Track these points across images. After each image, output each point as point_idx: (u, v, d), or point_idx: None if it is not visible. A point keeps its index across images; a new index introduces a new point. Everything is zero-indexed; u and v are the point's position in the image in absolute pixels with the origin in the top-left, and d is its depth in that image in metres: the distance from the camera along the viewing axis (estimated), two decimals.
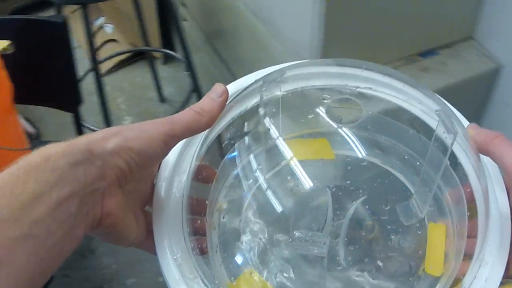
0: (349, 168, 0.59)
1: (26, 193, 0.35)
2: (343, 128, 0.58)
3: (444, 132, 0.48)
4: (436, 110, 0.49)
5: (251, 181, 0.58)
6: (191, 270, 0.46)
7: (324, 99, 0.58)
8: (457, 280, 0.47)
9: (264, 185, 0.58)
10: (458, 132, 0.46)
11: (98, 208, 0.41)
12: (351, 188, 0.57)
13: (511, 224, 0.47)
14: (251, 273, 0.52)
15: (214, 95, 0.49)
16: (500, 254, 0.46)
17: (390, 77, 0.56)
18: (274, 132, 0.58)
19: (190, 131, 0.47)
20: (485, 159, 0.48)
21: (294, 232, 0.52)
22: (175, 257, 0.47)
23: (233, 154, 0.58)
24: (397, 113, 0.57)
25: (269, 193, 0.57)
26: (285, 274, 0.52)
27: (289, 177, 0.58)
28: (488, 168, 0.50)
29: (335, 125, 0.58)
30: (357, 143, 0.58)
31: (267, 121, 0.57)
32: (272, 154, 0.58)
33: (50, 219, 0.36)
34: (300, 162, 0.58)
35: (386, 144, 0.59)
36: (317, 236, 0.44)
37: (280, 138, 0.58)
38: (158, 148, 0.44)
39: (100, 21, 2.72)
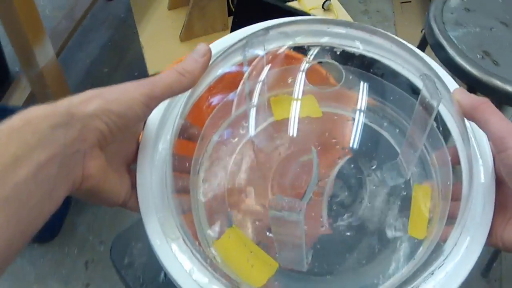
0: (336, 126, 0.59)
1: (7, 156, 0.36)
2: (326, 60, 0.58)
3: (428, 98, 0.47)
4: (420, 75, 0.49)
5: (236, 139, 0.58)
6: (173, 230, 0.47)
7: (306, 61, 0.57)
8: (439, 245, 0.47)
9: (250, 143, 0.57)
10: (442, 98, 0.46)
11: (78, 170, 0.42)
12: (337, 146, 0.57)
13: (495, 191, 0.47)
14: (234, 230, 0.52)
15: (196, 55, 0.49)
16: (482, 221, 0.46)
17: (377, 36, 0.55)
18: (259, 90, 0.57)
19: (171, 92, 0.47)
20: (472, 123, 0.48)
21: (271, 197, 0.52)
22: (158, 216, 0.47)
23: (217, 110, 0.58)
24: (385, 73, 0.57)
25: (254, 151, 0.57)
26: (267, 233, 0.52)
27: (275, 135, 0.58)
28: (474, 133, 0.50)
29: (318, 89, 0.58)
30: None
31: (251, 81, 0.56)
32: (258, 112, 0.58)
33: (31, 181, 0.36)
34: (286, 120, 0.57)
35: (373, 103, 0.59)
36: (293, 202, 0.43)
37: (265, 95, 0.58)
38: (138, 110, 0.44)
39: None
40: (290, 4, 1.80)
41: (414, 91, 0.55)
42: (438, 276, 0.44)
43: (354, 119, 0.58)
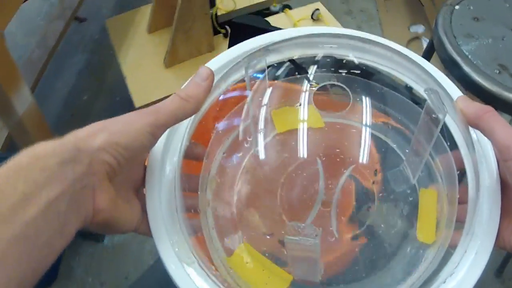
0: (339, 136, 0.60)
1: (16, 194, 0.36)
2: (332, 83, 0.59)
3: (434, 111, 0.48)
4: (425, 90, 0.49)
5: (241, 153, 0.58)
6: (188, 254, 0.47)
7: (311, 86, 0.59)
8: (449, 252, 0.48)
9: (255, 157, 0.58)
10: (447, 112, 0.47)
11: (89, 204, 0.42)
12: (342, 156, 0.58)
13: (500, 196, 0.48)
14: (246, 246, 0.53)
15: (199, 79, 0.48)
16: (490, 226, 0.47)
17: (377, 46, 0.56)
18: (262, 103, 0.58)
19: (176, 119, 0.46)
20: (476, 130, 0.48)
21: (288, 223, 0.53)
22: (171, 242, 0.47)
23: (222, 129, 0.59)
24: (388, 81, 0.58)
25: (260, 165, 0.58)
26: (278, 247, 0.53)
27: (279, 148, 0.59)
28: (478, 139, 0.51)
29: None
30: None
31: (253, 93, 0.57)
32: (261, 125, 0.58)
33: (41, 219, 0.37)
34: (289, 132, 0.58)
35: (375, 111, 0.59)
36: (309, 228, 0.45)
37: (268, 108, 0.59)
38: (144, 140, 0.44)
39: None
40: (276, 17, 1.73)
41: (416, 99, 0.56)
42: (450, 284, 0.45)
43: (356, 128, 0.59)
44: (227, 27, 1.74)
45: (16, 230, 0.35)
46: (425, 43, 1.95)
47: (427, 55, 1.31)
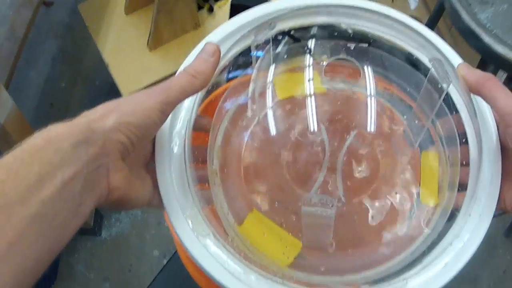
0: (341, 101, 0.60)
1: (31, 175, 0.36)
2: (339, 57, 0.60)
3: (438, 81, 0.49)
4: (429, 59, 0.51)
5: (245, 122, 0.59)
6: (202, 227, 0.48)
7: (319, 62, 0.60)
8: (453, 215, 0.50)
9: (259, 125, 0.59)
10: (451, 82, 0.48)
11: (104, 184, 0.43)
12: (345, 121, 0.58)
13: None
14: (255, 214, 0.54)
15: (206, 55, 0.49)
16: (492, 189, 0.49)
17: (380, 16, 0.57)
18: (266, 72, 0.59)
19: (185, 96, 0.47)
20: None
21: (304, 196, 0.53)
22: (185, 216, 0.49)
23: (226, 101, 0.59)
24: (389, 49, 0.58)
25: (265, 133, 0.58)
26: (287, 214, 0.54)
27: (283, 115, 0.59)
28: (477, 105, 0.52)
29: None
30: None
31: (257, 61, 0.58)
32: (265, 92, 0.59)
33: (57, 199, 0.37)
34: (292, 98, 0.59)
35: (378, 76, 0.60)
36: (325, 199, 0.47)
37: (271, 75, 0.59)
38: (156, 118, 0.45)
39: None
40: None
41: (418, 65, 0.57)
42: (457, 246, 0.47)
43: (359, 93, 0.60)
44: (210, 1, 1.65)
45: (33, 210, 0.36)
46: (412, 2, 1.87)
47: (433, 22, 1.24)
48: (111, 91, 1.96)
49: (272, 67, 0.59)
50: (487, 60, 1.08)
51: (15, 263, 0.35)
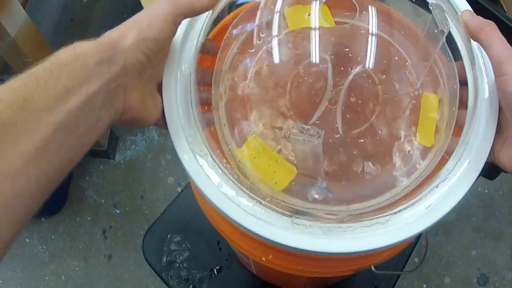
0: (348, 36, 0.61)
1: (59, 86, 0.39)
2: None
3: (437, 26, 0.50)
4: (429, 5, 0.51)
5: (253, 49, 0.60)
6: (201, 147, 0.51)
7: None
8: (444, 159, 0.51)
9: (266, 53, 0.59)
10: (450, 27, 0.50)
11: (120, 102, 0.46)
12: (350, 55, 0.59)
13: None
14: (255, 139, 0.56)
15: None
16: (485, 138, 0.50)
17: None
18: (277, 21, 0.59)
19: (194, 11, 0.50)
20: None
21: (291, 126, 0.56)
22: (185, 135, 0.51)
23: (235, 27, 0.60)
24: None
25: (271, 61, 0.59)
26: (285, 141, 0.56)
27: (290, 45, 0.60)
28: (482, 54, 0.53)
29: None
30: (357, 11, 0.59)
31: None
32: (274, 23, 0.60)
33: (80, 112, 0.40)
34: (301, 30, 0.60)
35: (385, 14, 0.60)
36: (312, 130, 0.49)
37: (280, 6, 0.60)
38: (169, 30, 0.47)
39: None
40: None
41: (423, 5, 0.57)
42: (442, 188, 0.48)
43: (365, 29, 0.59)
44: None
45: (59, 118, 0.38)
46: None
47: None
48: (135, 6, 1.88)
49: None
50: None
51: (40, 167, 0.37)
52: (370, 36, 0.59)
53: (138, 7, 1.51)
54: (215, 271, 1.00)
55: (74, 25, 2.01)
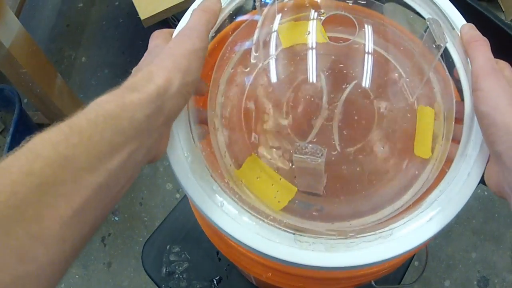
0: (342, 51, 0.61)
1: (103, 143, 0.36)
2: (339, 12, 0.60)
3: (435, 40, 0.50)
4: (427, 19, 0.52)
5: (248, 69, 0.60)
6: (201, 168, 0.50)
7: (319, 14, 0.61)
8: (443, 171, 0.51)
9: (262, 72, 0.60)
10: (447, 42, 0.50)
11: (156, 151, 0.45)
12: (345, 72, 0.59)
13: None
14: (254, 159, 0.56)
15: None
16: (483, 149, 0.49)
17: None
18: (270, 19, 0.60)
19: (207, 31, 0.48)
20: None
21: (296, 144, 0.55)
22: (186, 156, 0.50)
23: (230, 47, 0.61)
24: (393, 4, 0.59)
25: (267, 80, 0.60)
26: (284, 160, 0.56)
27: (285, 63, 0.60)
28: None
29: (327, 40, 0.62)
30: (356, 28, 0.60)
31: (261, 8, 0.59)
32: (268, 41, 0.60)
33: (120, 170, 0.38)
34: (295, 46, 0.60)
35: (380, 29, 0.61)
36: (314, 148, 0.50)
37: (275, 24, 0.60)
38: (202, 66, 0.46)
39: None
40: None
41: (418, 21, 0.57)
42: (443, 201, 0.48)
43: (360, 44, 0.60)
44: None
45: (100, 179, 0.36)
46: None
47: None
48: (131, 13, 1.87)
49: (278, 16, 0.60)
50: None
51: (76, 230, 0.35)
52: (365, 52, 0.59)
53: (133, 12, 1.50)
54: (215, 282, 0.99)
55: (69, 30, 2.01)
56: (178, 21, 0.55)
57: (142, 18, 1.38)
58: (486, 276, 1.61)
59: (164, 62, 0.43)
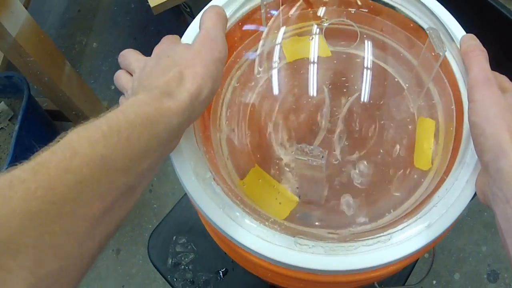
0: (345, 65, 0.62)
1: (139, 146, 0.37)
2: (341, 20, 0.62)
3: (434, 49, 0.51)
4: (426, 29, 0.53)
5: (253, 83, 0.61)
6: (204, 170, 0.51)
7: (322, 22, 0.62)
8: (442, 179, 0.51)
9: (266, 86, 0.61)
10: (446, 51, 0.51)
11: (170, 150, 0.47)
12: (347, 84, 0.60)
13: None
14: (257, 170, 0.57)
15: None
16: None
17: None
18: (276, 38, 0.61)
19: (224, 31, 0.49)
20: None
21: (296, 145, 0.55)
22: (189, 158, 0.51)
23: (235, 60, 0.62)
24: (393, 15, 0.60)
25: (270, 93, 0.61)
26: (286, 171, 0.57)
27: (289, 76, 0.62)
28: None
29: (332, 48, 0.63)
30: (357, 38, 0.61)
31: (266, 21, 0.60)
32: (271, 54, 0.62)
33: (146, 174, 0.39)
34: (299, 61, 0.62)
35: (380, 42, 0.62)
36: (316, 150, 0.50)
37: (281, 37, 0.62)
38: (222, 72, 0.47)
39: None
40: None
41: (419, 32, 0.58)
42: (441, 208, 0.49)
43: (361, 58, 0.61)
44: None
45: (130, 180, 0.37)
46: None
47: None
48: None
49: (282, 29, 0.62)
50: None
51: (104, 228, 0.36)
52: (366, 64, 0.60)
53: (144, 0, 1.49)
54: (221, 274, 0.99)
55: (81, 16, 2.00)
56: (190, 8, 0.56)
57: (151, 5, 1.36)
58: (496, 270, 1.59)
59: (195, 67, 0.44)
